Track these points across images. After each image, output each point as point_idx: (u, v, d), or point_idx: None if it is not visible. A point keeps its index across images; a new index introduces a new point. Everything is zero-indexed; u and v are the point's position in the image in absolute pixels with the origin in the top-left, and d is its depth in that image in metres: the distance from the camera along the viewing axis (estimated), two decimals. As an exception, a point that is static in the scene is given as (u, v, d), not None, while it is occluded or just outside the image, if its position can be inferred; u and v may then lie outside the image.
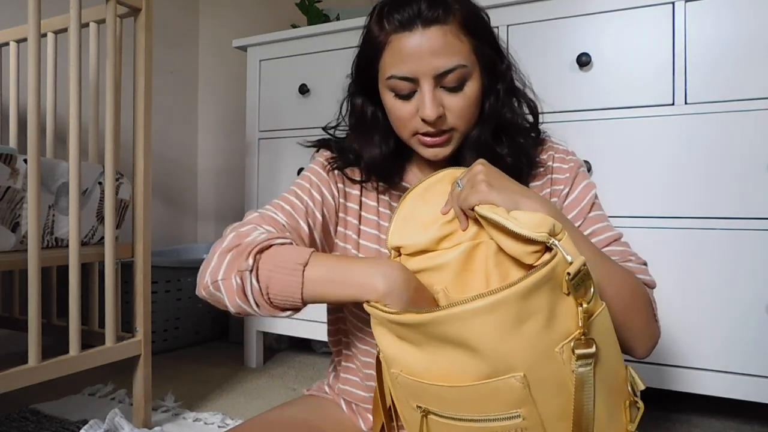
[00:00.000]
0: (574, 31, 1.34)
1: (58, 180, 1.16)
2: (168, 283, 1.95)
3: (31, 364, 1.03)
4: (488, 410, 0.53)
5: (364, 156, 0.80)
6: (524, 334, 0.51)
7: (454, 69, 0.69)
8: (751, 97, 1.17)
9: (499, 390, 0.52)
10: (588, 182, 0.79)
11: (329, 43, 1.65)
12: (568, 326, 0.53)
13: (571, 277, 0.51)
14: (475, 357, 0.52)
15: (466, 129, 0.75)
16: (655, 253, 1.24)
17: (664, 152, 1.25)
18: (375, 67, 0.75)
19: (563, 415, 0.53)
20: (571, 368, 0.52)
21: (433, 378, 0.55)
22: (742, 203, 1.18)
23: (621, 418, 0.60)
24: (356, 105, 0.81)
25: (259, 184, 1.79)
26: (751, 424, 1.31)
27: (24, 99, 1.31)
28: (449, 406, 0.55)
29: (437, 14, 0.68)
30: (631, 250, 0.78)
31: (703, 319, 1.21)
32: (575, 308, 0.53)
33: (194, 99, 2.70)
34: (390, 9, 0.71)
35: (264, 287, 0.64)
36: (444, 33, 0.69)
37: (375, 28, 0.73)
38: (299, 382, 1.62)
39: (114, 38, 1.20)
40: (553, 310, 0.52)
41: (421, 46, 0.68)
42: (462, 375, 0.53)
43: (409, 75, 0.70)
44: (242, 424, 0.81)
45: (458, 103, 0.71)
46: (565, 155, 0.81)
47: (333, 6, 1.97)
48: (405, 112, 0.73)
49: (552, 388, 0.53)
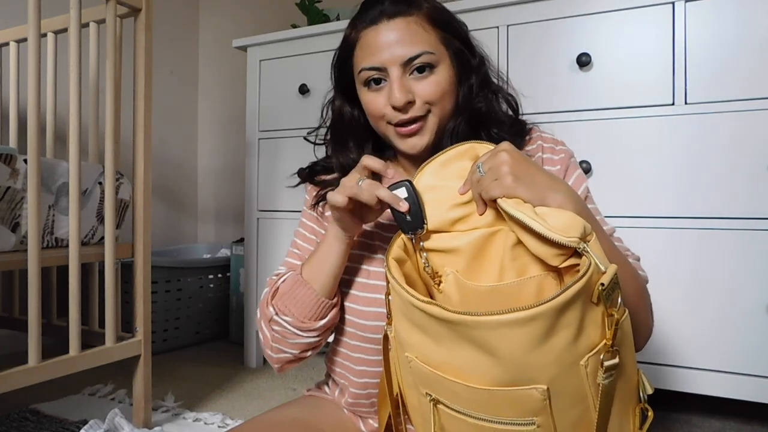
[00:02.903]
0: (574, 31, 1.34)
1: (58, 180, 1.16)
2: (168, 283, 1.95)
3: (31, 364, 1.03)
4: (502, 414, 0.52)
5: (341, 161, 0.82)
6: (552, 349, 0.49)
7: (420, 55, 0.72)
8: (752, 96, 1.17)
9: (517, 399, 0.50)
10: (579, 173, 0.79)
11: (329, 43, 1.65)
12: (594, 337, 0.51)
13: (605, 288, 0.49)
14: (497, 364, 0.50)
15: (441, 117, 0.75)
16: (655, 253, 1.25)
17: (664, 152, 1.24)
18: (350, 66, 0.78)
19: (578, 424, 0.52)
20: (597, 380, 0.51)
21: (449, 373, 0.53)
22: (743, 203, 1.18)
23: (629, 424, 0.59)
24: (335, 107, 0.84)
25: (259, 184, 1.79)
26: (751, 424, 1.31)
27: (24, 99, 1.31)
28: (461, 402, 0.54)
29: (401, 8, 0.73)
30: (625, 245, 0.78)
31: (705, 319, 1.21)
32: (602, 318, 0.51)
33: (194, 99, 2.70)
34: (359, 12, 0.77)
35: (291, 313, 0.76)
36: (407, 23, 0.73)
37: (349, 32, 0.78)
38: (299, 382, 1.62)
39: (114, 38, 1.20)
40: (582, 321, 0.49)
41: (388, 36, 0.72)
42: (480, 377, 0.51)
43: (377, 65, 0.73)
44: (242, 424, 0.80)
45: (425, 88, 0.73)
46: (554, 145, 0.80)
47: (333, 6, 1.97)
48: (378, 104, 0.75)
49: (571, 399, 0.51)
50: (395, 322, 0.60)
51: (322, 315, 0.76)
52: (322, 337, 0.78)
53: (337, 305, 0.78)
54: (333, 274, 0.74)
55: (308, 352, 0.79)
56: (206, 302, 2.10)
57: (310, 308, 0.75)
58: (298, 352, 0.78)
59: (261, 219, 1.79)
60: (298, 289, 0.75)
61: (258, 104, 1.80)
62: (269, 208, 1.77)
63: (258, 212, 1.79)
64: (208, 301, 2.11)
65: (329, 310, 0.76)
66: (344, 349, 0.82)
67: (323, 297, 0.75)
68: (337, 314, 0.78)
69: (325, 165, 0.87)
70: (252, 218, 1.80)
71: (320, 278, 0.74)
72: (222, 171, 2.64)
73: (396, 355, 0.62)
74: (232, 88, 2.58)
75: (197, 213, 2.70)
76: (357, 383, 0.80)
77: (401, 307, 0.57)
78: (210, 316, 2.12)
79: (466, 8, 1.43)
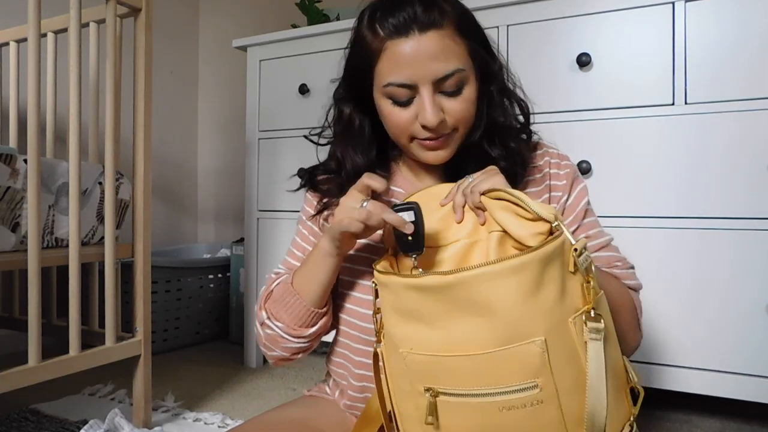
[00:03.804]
0: (574, 31, 1.34)
1: (58, 180, 1.16)
2: (168, 283, 1.95)
3: (31, 364, 1.03)
4: (505, 381, 0.54)
5: (347, 165, 0.81)
6: (543, 301, 0.53)
7: (453, 74, 0.69)
8: (752, 96, 1.17)
9: (517, 356, 0.53)
10: (582, 187, 0.80)
11: (329, 43, 1.65)
12: (577, 302, 0.56)
13: (578, 253, 0.55)
14: (494, 322, 0.53)
15: (465, 132, 0.75)
16: (655, 253, 1.25)
17: (664, 152, 1.24)
18: (369, 74, 0.73)
19: (576, 388, 0.54)
20: (584, 339, 0.54)
21: (448, 350, 0.55)
22: (743, 203, 1.18)
23: (624, 402, 0.61)
24: (344, 113, 0.80)
25: (259, 184, 1.79)
26: (751, 424, 1.31)
27: (24, 99, 1.31)
28: (463, 380, 0.55)
29: (433, 18, 0.67)
30: (620, 255, 0.79)
31: (706, 320, 1.21)
32: (581, 286, 0.56)
33: (194, 99, 2.70)
34: (383, 14, 0.69)
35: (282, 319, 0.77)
36: (441, 37, 0.68)
37: (368, 35, 0.71)
38: (299, 382, 1.62)
39: (114, 38, 1.20)
40: (564, 284, 0.55)
41: (419, 51, 0.67)
42: (480, 343, 0.54)
43: (407, 82, 0.69)
44: (242, 424, 0.81)
45: (457, 107, 0.71)
46: (560, 160, 0.81)
47: (333, 6, 1.97)
48: (403, 119, 0.72)
49: (567, 356, 0.54)
50: (385, 323, 0.62)
51: (312, 323, 0.77)
52: (312, 343, 0.80)
53: (328, 313, 0.79)
54: (323, 287, 0.75)
55: (300, 354, 0.80)
56: (206, 302, 2.10)
57: (300, 317, 0.76)
58: (289, 354, 0.80)
59: (261, 219, 1.79)
60: (289, 298, 0.76)
61: (258, 104, 1.80)
62: (269, 208, 1.77)
63: (258, 212, 1.79)
64: (208, 301, 2.11)
65: (319, 318, 0.77)
66: (345, 350, 0.82)
67: (313, 307, 0.75)
68: (328, 322, 0.79)
69: (326, 169, 0.85)
70: (252, 218, 1.80)
71: (310, 290, 0.75)
72: (222, 171, 2.64)
73: (388, 369, 0.63)
74: (232, 88, 2.58)
75: (197, 213, 2.70)
76: (356, 386, 0.80)
77: (392, 301, 0.60)
78: (210, 316, 2.12)
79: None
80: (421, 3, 0.68)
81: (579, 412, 0.54)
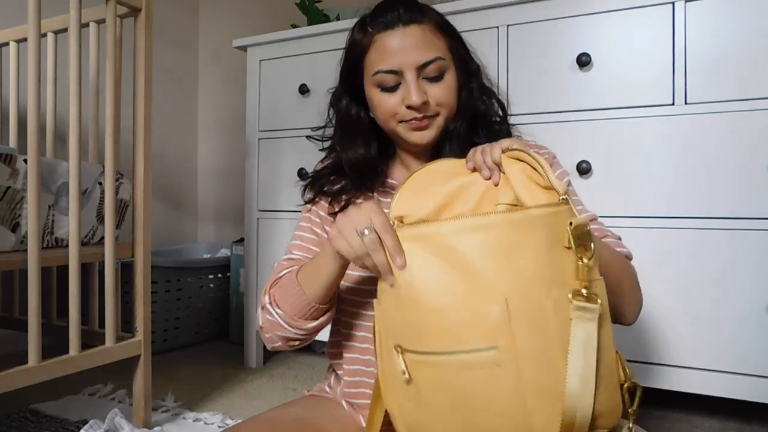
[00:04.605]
0: (574, 31, 1.34)
1: (58, 180, 1.16)
2: (168, 283, 1.95)
3: (31, 364, 1.04)
4: (465, 342, 0.55)
5: (349, 155, 0.84)
6: (512, 264, 0.55)
7: (434, 60, 0.77)
8: (752, 96, 1.17)
9: (479, 316, 0.54)
10: (562, 171, 0.85)
11: (329, 43, 1.65)
12: (566, 277, 0.56)
13: (573, 226, 0.55)
14: (464, 276, 0.55)
15: (447, 116, 0.80)
16: (655, 253, 1.25)
17: (664, 152, 1.24)
18: (360, 67, 0.82)
19: (540, 358, 0.54)
20: (568, 315, 0.54)
21: (417, 300, 0.58)
22: (742, 203, 1.18)
23: (616, 394, 0.59)
24: (342, 106, 0.87)
25: (259, 184, 1.79)
26: (751, 424, 1.31)
27: (24, 99, 1.32)
28: (425, 339, 0.57)
29: (415, 16, 0.78)
30: (605, 228, 0.83)
31: (704, 319, 1.21)
32: (575, 264, 0.56)
33: (194, 99, 2.70)
34: (372, 16, 0.80)
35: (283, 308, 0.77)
36: (423, 30, 0.78)
37: (359, 35, 0.81)
38: (299, 382, 1.62)
39: (114, 38, 1.20)
40: (551, 255, 0.55)
41: (404, 41, 0.77)
42: (449, 295, 0.56)
43: (394, 68, 0.77)
44: (243, 422, 0.81)
45: (439, 91, 0.78)
46: (539, 149, 0.87)
47: (333, 6, 1.97)
48: (391, 104, 0.79)
49: (532, 325, 0.54)
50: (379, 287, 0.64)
51: (313, 317, 0.77)
52: (310, 336, 0.80)
53: (331, 310, 0.80)
54: (327, 286, 0.75)
55: (295, 343, 0.81)
56: (206, 302, 2.10)
57: (301, 309, 0.76)
58: (284, 342, 0.80)
59: (261, 219, 1.79)
60: (292, 289, 0.77)
61: (258, 104, 1.80)
62: (269, 208, 1.77)
63: (258, 212, 1.79)
64: (208, 301, 2.11)
65: (321, 314, 0.77)
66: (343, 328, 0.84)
67: (315, 302, 0.76)
68: (329, 318, 0.80)
69: (328, 171, 0.88)
70: (252, 218, 1.80)
71: (313, 287, 0.75)
72: (222, 171, 2.64)
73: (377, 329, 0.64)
74: (232, 88, 2.58)
75: (197, 213, 2.70)
76: (350, 370, 0.83)
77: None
78: (210, 316, 2.12)
79: (466, 8, 1.43)
80: (405, 5, 0.78)
81: (542, 382, 0.54)
